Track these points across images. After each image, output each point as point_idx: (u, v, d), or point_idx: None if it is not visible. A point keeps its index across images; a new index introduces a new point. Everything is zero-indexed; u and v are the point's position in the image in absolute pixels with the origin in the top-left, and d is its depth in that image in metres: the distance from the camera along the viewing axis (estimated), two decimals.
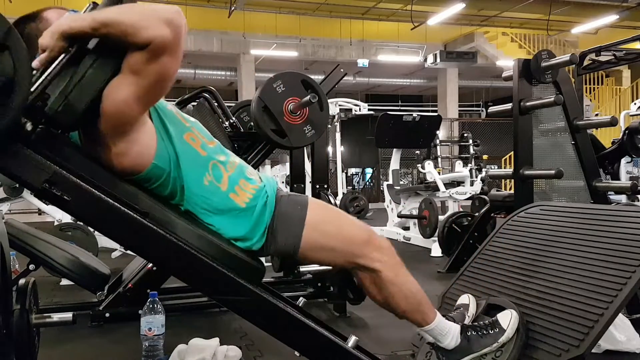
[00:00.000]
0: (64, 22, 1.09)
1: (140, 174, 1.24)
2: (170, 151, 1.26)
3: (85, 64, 1.11)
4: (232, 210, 1.30)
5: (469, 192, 5.44)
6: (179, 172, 1.26)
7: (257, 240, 1.32)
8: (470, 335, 1.46)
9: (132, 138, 1.20)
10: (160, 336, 1.98)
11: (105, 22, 1.07)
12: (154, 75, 1.13)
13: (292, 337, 1.33)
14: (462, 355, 1.45)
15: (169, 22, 1.09)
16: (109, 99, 1.13)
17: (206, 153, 1.32)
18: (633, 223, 1.60)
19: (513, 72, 2.96)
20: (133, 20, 1.07)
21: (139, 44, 1.08)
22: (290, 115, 2.57)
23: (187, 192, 1.28)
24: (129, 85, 1.13)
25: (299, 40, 12.95)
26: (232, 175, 1.33)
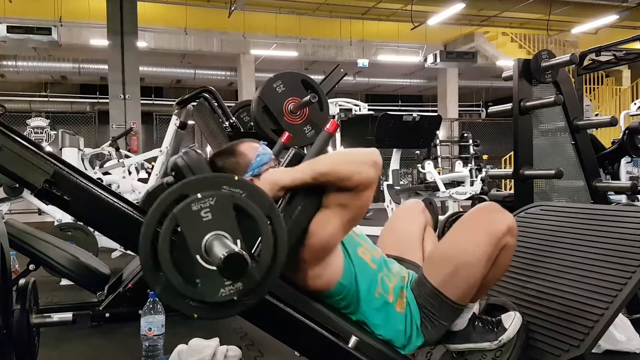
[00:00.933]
0: (284, 176, 1.25)
1: (327, 291, 1.34)
2: (351, 268, 1.35)
3: (294, 205, 1.23)
4: (399, 320, 1.37)
5: (469, 192, 5.44)
6: (357, 286, 1.35)
7: (418, 339, 1.38)
8: (476, 325, 1.46)
9: (327, 262, 1.32)
10: (160, 336, 1.98)
11: (323, 173, 1.23)
12: (358, 208, 1.28)
13: (292, 337, 1.33)
14: (462, 342, 1.45)
15: (374, 164, 1.25)
16: (318, 233, 1.26)
17: (376, 266, 1.41)
18: (633, 223, 1.60)
19: (513, 72, 2.95)
20: (348, 168, 1.22)
21: (351, 187, 1.23)
22: (290, 115, 2.58)
23: (362, 305, 1.36)
24: (336, 219, 1.26)
25: (299, 40, 12.95)
26: (396, 286, 1.41)
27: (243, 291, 1.03)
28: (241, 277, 1.00)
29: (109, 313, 2.55)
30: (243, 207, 1.03)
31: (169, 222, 0.99)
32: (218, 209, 1.01)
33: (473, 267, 1.33)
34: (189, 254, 1.00)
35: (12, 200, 4.68)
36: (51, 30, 9.24)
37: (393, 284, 1.41)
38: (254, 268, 1.03)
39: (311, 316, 1.29)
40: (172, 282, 0.99)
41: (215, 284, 1.00)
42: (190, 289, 1.00)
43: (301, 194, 1.25)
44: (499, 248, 1.35)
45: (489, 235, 1.33)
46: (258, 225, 1.04)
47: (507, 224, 1.35)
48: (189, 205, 1.00)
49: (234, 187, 1.04)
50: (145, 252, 1.00)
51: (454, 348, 1.47)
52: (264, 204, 1.06)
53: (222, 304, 1.03)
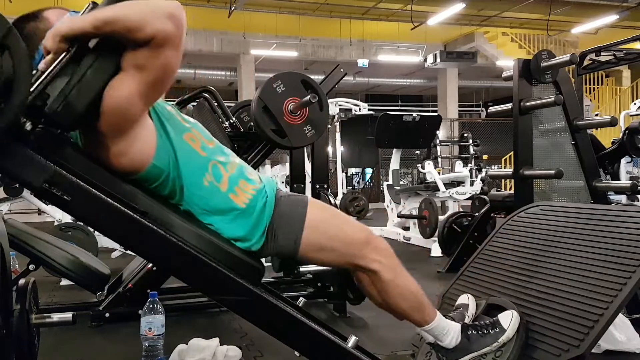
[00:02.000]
0: (64, 24, 1.10)
1: (139, 174, 1.24)
2: (169, 151, 1.25)
3: (85, 63, 1.11)
4: (232, 211, 1.30)
5: (469, 192, 5.44)
6: (178, 172, 1.26)
7: (257, 240, 1.32)
8: (470, 335, 1.46)
9: (132, 137, 1.19)
10: (160, 336, 1.98)
11: (107, 20, 1.08)
12: (157, 70, 1.14)
13: (292, 337, 1.33)
14: (463, 354, 1.45)
15: (170, 16, 1.10)
16: (111, 97, 1.13)
17: (206, 154, 1.32)
18: (633, 223, 1.60)
19: (513, 72, 2.96)
20: (135, 16, 1.08)
21: (143, 40, 1.09)
22: (290, 115, 2.57)
23: (187, 192, 1.28)
24: (132, 82, 1.13)
25: (299, 40, 12.95)
26: (232, 175, 1.33)
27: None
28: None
29: (109, 313, 2.55)
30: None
31: None
32: None
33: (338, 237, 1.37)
34: None
35: (12, 200, 4.68)
36: None
37: (229, 173, 1.32)
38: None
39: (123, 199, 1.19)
40: None
41: None
42: None
43: (94, 52, 1.11)
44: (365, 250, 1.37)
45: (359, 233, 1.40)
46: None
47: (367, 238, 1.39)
48: None
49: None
50: None
51: None
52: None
53: None
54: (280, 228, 1.33)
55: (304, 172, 3.58)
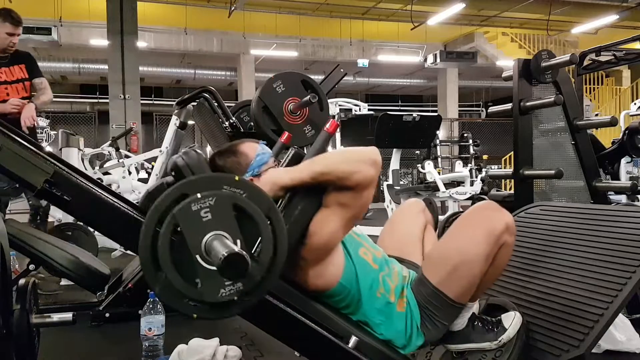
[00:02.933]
0: (284, 176, 1.25)
1: (327, 291, 1.34)
2: (352, 269, 1.35)
3: (294, 204, 1.23)
4: (400, 319, 1.37)
5: (469, 192, 5.43)
6: (358, 287, 1.35)
7: (418, 338, 1.38)
8: (476, 325, 1.46)
9: (328, 262, 1.32)
10: (160, 336, 1.98)
11: (323, 173, 1.23)
12: (359, 207, 1.28)
13: (292, 337, 1.33)
14: (462, 342, 1.46)
15: (374, 163, 1.24)
16: (319, 234, 1.26)
17: (377, 266, 1.40)
18: (633, 223, 1.60)
19: (513, 72, 2.95)
20: (347, 168, 1.22)
21: (350, 186, 1.23)
22: (290, 115, 2.58)
23: (364, 305, 1.36)
24: (336, 218, 1.26)
25: (299, 40, 12.95)
26: (397, 286, 1.41)
27: (243, 291, 1.02)
28: (241, 277, 1.00)
29: (109, 313, 2.55)
30: (243, 207, 1.03)
31: (169, 222, 0.99)
32: (218, 209, 1.01)
33: (472, 265, 1.33)
34: (189, 254, 0.99)
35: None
36: (51, 30, 9.25)
37: (395, 284, 1.41)
38: (254, 268, 1.02)
39: (310, 316, 1.29)
40: (172, 281, 0.99)
41: (215, 284, 1.00)
42: (190, 289, 1.00)
43: (301, 194, 1.25)
44: (498, 246, 1.35)
45: (487, 233, 1.33)
46: (258, 225, 1.04)
47: (506, 222, 1.36)
48: (189, 205, 0.99)
49: (234, 187, 1.04)
50: (146, 251, 1.00)
51: (454, 348, 1.47)
52: (264, 204, 1.06)
53: (221, 304, 1.03)
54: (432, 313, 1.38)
55: None
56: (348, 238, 1.39)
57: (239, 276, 1.00)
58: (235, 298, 1.03)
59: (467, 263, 1.33)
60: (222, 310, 1.05)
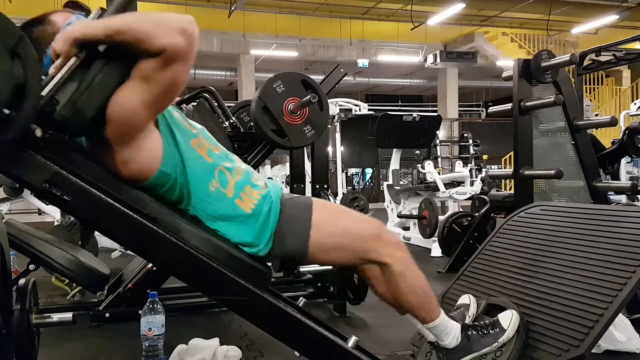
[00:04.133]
0: (76, 29, 1.10)
1: (147, 181, 1.24)
2: (176, 157, 1.26)
3: (94, 69, 1.11)
4: (238, 217, 1.31)
5: (469, 192, 5.43)
6: (185, 177, 1.26)
7: (264, 246, 1.32)
8: (471, 335, 1.46)
9: (139, 145, 1.20)
10: (160, 336, 1.98)
11: (118, 30, 1.08)
12: (165, 83, 1.14)
13: (292, 337, 1.33)
14: (463, 355, 1.45)
15: (182, 31, 1.10)
16: (117, 106, 1.13)
17: (212, 159, 1.32)
18: (633, 223, 1.60)
19: (513, 72, 2.96)
20: (147, 28, 1.08)
21: (152, 52, 1.09)
22: (290, 115, 2.58)
23: (194, 197, 1.28)
24: (138, 92, 1.13)
25: (299, 40, 12.95)
26: (238, 181, 1.33)
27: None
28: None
29: (109, 313, 2.55)
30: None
31: None
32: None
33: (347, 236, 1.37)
34: None
35: (12, 200, 4.68)
36: None
37: (235, 179, 1.33)
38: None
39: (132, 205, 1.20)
40: None
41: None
42: None
43: (103, 59, 1.11)
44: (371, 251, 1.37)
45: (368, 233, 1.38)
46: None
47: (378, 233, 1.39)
48: None
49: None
50: None
51: None
52: (9, 34, 0.99)
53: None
54: (288, 232, 1.33)
55: (304, 172, 3.58)
56: (177, 125, 1.29)
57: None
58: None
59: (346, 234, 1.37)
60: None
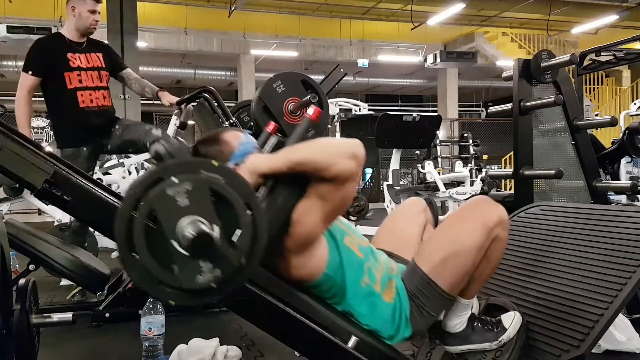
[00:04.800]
0: (261, 163, 1.22)
1: (311, 282, 1.32)
2: (337, 258, 1.34)
3: (277, 193, 1.21)
4: (386, 310, 1.36)
5: (469, 192, 5.44)
6: (342, 277, 1.34)
7: (403, 330, 1.38)
8: (475, 326, 1.46)
9: (311, 253, 1.29)
10: (160, 336, 1.98)
11: (299, 162, 1.19)
12: (339, 200, 1.25)
13: (292, 337, 1.33)
14: (461, 343, 1.45)
15: (354, 156, 1.19)
16: (300, 223, 1.24)
17: (363, 255, 1.39)
18: (633, 223, 1.60)
19: (513, 72, 2.95)
20: (324, 158, 1.18)
21: (329, 178, 1.19)
22: (290, 115, 2.57)
23: (349, 294, 1.35)
24: (317, 210, 1.24)
25: (299, 40, 12.95)
26: (383, 276, 1.40)
27: (220, 278, 1.01)
28: (213, 259, 0.99)
29: (109, 313, 2.55)
30: (221, 193, 1.01)
31: (143, 206, 0.98)
32: (194, 194, 0.99)
33: (464, 255, 1.34)
34: (166, 240, 0.98)
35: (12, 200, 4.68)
36: (51, 30, 9.21)
37: (380, 274, 1.40)
38: (233, 255, 1.01)
39: (295, 306, 1.28)
40: (147, 267, 0.98)
41: (192, 270, 0.99)
42: (167, 275, 0.99)
43: (284, 183, 1.22)
44: (490, 239, 1.36)
45: (479, 225, 1.35)
46: (236, 211, 1.01)
47: (498, 215, 1.37)
48: (164, 189, 0.98)
49: (212, 172, 1.01)
50: (121, 235, 0.98)
51: (454, 350, 1.47)
52: (243, 190, 1.03)
53: (199, 291, 1.01)
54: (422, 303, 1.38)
55: None
56: (334, 226, 1.38)
57: (209, 256, 0.98)
58: (213, 285, 1.01)
59: (459, 253, 1.34)
60: (199, 297, 1.03)
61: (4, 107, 5.93)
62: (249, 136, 1.38)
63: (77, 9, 2.87)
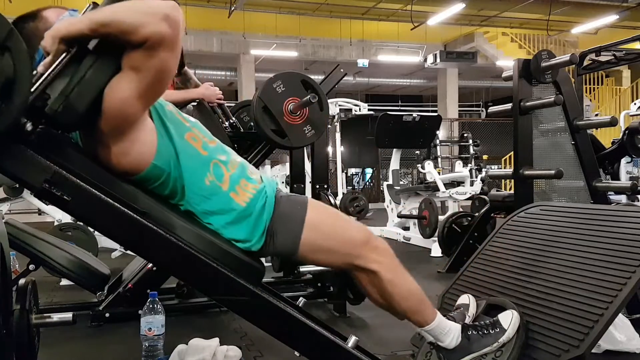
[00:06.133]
0: (62, 26, 1.10)
1: (139, 174, 1.24)
2: (170, 151, 1.25)
3: (85, 64, 1.11)
4: (232, 211, 1.30)
5: (469, 192, 5.44)
6: (179, 172, 1.26)
7: (256, 241, 1.31)
8: (471, 335, 1.46)
9: (133, 137, 1.19)
10: (160, 336, 1.98)
11: (102, 23, 1.07)
12: (153, 71, 1.13)
13: (292, 337, 1.33)
14: (463, 355, 1.45)
15: (166, 18, 1.08)
16: (110, 98, 1.13)
17: (207, 152, 1.31)
18: (633, 223, 1.60)
19: (513, 72, 2.96)
20: (130, 18, 1.07)
21: (138, 42, 1.09)
22: (290, 115, 2.57)
23: (188, 192, 1.27)
24: (129, 83, 1.13)
25: (299, 40, 12.95)
26: (234, 174, 1.33)
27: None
28: None
29: (109, 313, 2.55)
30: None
31: None
32: None
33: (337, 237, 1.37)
34: None
35: (12, 200, 4.68)
36: None
37: (231, 172, 1.32)
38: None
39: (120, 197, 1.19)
40: None
41: None
42: None
43: (93, 53, 1.11)
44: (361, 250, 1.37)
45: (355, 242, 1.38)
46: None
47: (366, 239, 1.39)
48: None
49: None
50: None
51: None
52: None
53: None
54: (280, 229, 1.33)
55: (304, 172, 3.58)
56: (171, 119, 1.29)
57: None
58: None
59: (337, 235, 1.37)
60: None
61: None
62: (75, 12, 1.25)
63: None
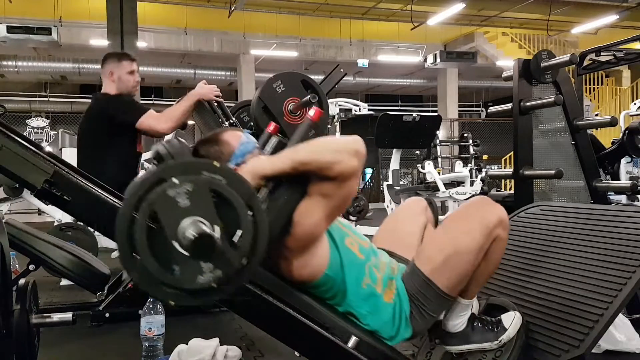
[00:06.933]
0: (265, 165, 1.21)
1: (312, 282, 1.32)
2: (337, 259, 1.34)
3: (280, 195, 1.20)
4: (387, 310, 1.37)
5: (469, 192, 5.44)
6: (342, 278, 1.34)
7: (403, 331, 1.38)
8: (476, 325, 1.46)
9: (313, 251, 1.29)
10: (160, 336, 1.98)
11: (303, 162, 1.19)
12: (342, 197, 1.25)
13: (292, 337, 1.33)
14: (461, 343, 1.46)
15: (356, 154, 1.20)
16: (303, 221, 1.23)
17: (363, 256, 1.39)
18: (633, 223, 1.60)
19: (513, 72, 2.95)
20: (327, 157, 1.19)
21: (333, 177, 1.20)
22: (290, 115, 2.58)
23: (349, 295, 1.35)
24: (319, 207, 1.24)
25: (299, 40, 12.95)
26: (384, 277, 1.40)
27: (221, 278, 1.01)
28: (212, 257, 0.99)
29: (109, 313, 2.55)
30: (222, 194, 1.01)
31: (144, 207, 0.97)
32: (195, 194, 0.98)
33: (463, 256, 1.35)
34: (167, 241, 0.97)
35: (12, 200, 4.68)
36: (51, 30, 9.23)
37: (381, 274, 1.40)
38: (234, 255, 1.01)
39: (296, 306, 1.28)
40: (147, 267, 0.98)
41: (192, 271, 0.99)
42: (167, 275, 0.99)
43: (285, 184, 1.22)
44: (491, 239, 1.36)
45: (480, 225, 1.35)
46: (237, 212, 1.01)
47: (498, 215, 1.38)
48: (165, 190, 0.98)
49: (213, 173, 1.01)
50: (122, 236, 0.98)
51: (454, 350, 1.47)
52: (244, 191, 1.03)
53: (199, 291, 1.01)
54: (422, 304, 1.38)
55: None
56: (334, 227, 1.38)
57: (210, 257, 0.98)
58: (214, 285, 1.01)
59: (459, 254, 1.35)
60: (199, 297, 1.02)
61: (4, 107, 5.93)
62: (249, 136, 1.37)
63: (115, 74, 2.78)
